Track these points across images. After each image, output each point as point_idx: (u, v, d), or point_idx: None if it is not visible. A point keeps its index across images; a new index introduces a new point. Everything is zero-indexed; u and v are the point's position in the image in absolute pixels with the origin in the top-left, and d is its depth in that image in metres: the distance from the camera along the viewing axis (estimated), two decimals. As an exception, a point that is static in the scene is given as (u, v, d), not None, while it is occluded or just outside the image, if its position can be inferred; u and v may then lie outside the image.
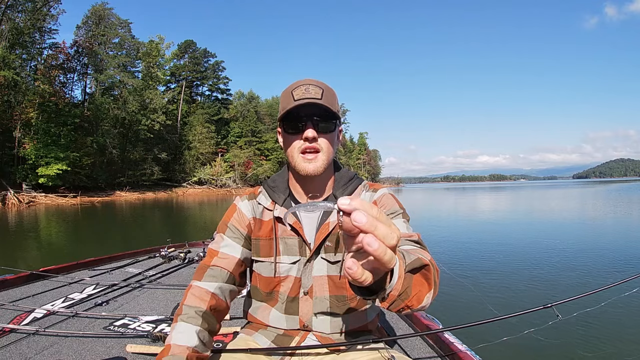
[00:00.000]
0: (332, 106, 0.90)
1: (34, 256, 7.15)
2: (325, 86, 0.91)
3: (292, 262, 0.93)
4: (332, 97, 0.91)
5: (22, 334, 1.77)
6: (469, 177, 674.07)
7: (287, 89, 0.92)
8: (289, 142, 0.92)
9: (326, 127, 0.90)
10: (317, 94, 0.88)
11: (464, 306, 3.70)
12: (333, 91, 0.93)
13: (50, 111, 29.75)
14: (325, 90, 0.90)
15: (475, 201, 26.73)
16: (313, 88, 0.89)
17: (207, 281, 0.89)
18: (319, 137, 0.89)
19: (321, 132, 0.90)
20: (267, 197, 0.99)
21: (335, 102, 0.92)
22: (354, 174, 1.01)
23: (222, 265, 0.92)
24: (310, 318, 0.92)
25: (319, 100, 0.87)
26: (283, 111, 0.90)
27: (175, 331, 0.80)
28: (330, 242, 0.91)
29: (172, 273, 3.07)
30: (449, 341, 1.60)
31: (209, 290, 0.88)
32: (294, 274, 0.93)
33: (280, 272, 0.94)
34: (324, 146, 0.90)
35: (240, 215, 0.99)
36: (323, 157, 0.90)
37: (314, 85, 0.90)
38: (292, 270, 0.93)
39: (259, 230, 0.97)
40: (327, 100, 0.89)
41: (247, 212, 0.99)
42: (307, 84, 0.90)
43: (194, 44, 56.49)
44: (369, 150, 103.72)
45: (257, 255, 0.97)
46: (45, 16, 31.31)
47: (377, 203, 0.95)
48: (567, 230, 9.35)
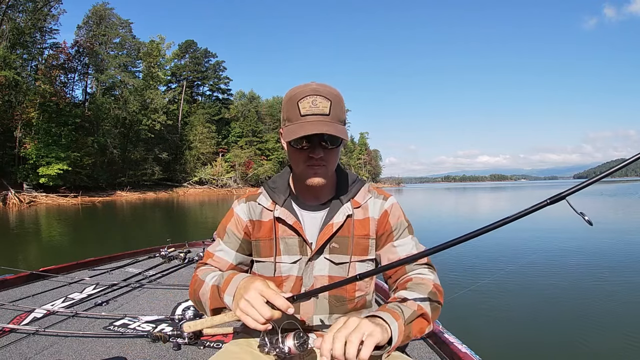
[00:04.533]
0: (340, 119, 0.87)
1: (34, 256, 7.16)
2: (333, 94, 0.86)
3: (293, 262, 0.93)
4: (340, 108, 0.87)
5: (22, 334, 1.77)
6: (470, 177, 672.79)
7: (291, 94, 0.86)
8: (294, 154, 0.89)
9: (334, 143, 0.87)
10: (325, 109, 0.84)
11: (464, 306, 3.70)
12: (340, 97, 0.88)
13: (51, 111, 29.79)
14: (333, 101, 0.85)
15: (476, 201, 26.72)
16: (321, 101, 0.84)
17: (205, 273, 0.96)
18: (326, 154, 0.88)
19: (329, 149, 0.88)
20: (268, 197, 0.98)
21: (343, 111, 0.88)
22: (355, 177, 1.00)
23: (217, 267, 0.98)
24: (311, 318, 0.92)
25: (327, 117, 0.84)
26: (289, 124, 0.86)
27: (205, 277, 0.92)
28: (337, 243, 0.92)
29: (172, 273, 3.07)
30: (449, 341, 1.60)
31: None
32: (295, 274, 0.93)
33: (281, 271, 0.93)
34: (331, 159, 0.89)
35: (236, 220, 0.99)
36: (327, 172, 0.89)
37: (321, 96, 0.84)
38: (293, 269, 0.93)
39: (259, 232, 0.97)
40: (336, 113, 0.85)
41: (243, 216, 0.99)
42: (314, 94, 0.84)
43: (195, 44, 56.52)
44: (369, 150, 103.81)
45: (258, 255, 0.97)
46: (46, 16, 31.35)
47: (388, 212, 0.95)
48: (569, 231, 9.33)
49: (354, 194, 0.96)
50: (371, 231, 0.94)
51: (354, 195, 0.96)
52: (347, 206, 0.93)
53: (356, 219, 0.93)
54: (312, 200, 0.96)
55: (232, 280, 0.81)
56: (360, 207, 0.95)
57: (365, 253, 0.93)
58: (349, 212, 0.92)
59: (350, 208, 0.93)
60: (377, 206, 0.96)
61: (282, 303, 0.70)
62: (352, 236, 0.92)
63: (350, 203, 0.94)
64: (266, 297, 0.71)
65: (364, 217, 0.94)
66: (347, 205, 0.93)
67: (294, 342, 0.78)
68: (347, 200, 0.94)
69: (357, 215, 0.94)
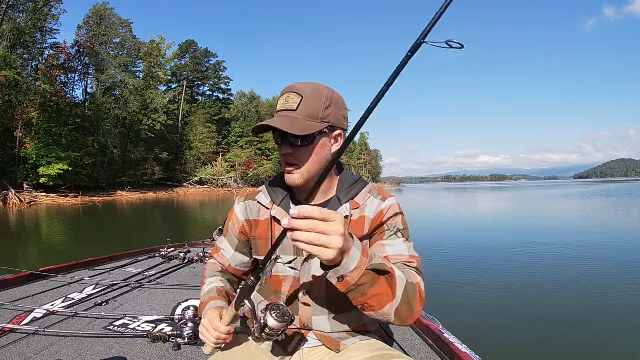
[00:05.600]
0: (312, 115, 0.83)
1: (34, 256, 7.17)
2: (309, 91, 0.84)
3: (289, 262, 0.93)
4: (314, 104, 0.84)
5: (22, 334, 1.77)
6: (470, 177, 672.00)
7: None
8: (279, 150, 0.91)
9: (303, 140, 0.84)
10: (294, 104, 0.83)
11: (464, 306, 3.70)
12: (319, 93, 0.85)
13: (52, 111, 29.78)
14: (305, 97, 0.83)
15: (477, 201, 26.70)
16: (293, 97, 0.84)
17: (213, 268, 1.07)
18: (296, 151, 0.85)
19: (298, 146, 0.85)
20: (267, 195, 0.99)
21: (319, 107, 0.84)
22: (358, 177, 0.98)
23: (221, 262, 1.07)
24: (310, 318, 0.91)
25: (293, 113, 0.83)
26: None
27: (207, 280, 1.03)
28: None
29: (172, 273, 3.07)
30: (449, 341, 1.59)
31: (217, 268, 1.07)
32: (292, 274, 0.93)
33: (278, 271, 0.94)
34: (303, 157, 0.86)
35: (235, 219, 1.03)
36: (302, 170, 0.86)
37: (295, 93, 0.84)
38: (290, 269, 0.93)
39: (256, 230, 0.99)
40: (306, 109, 0.83)
41: (240, 215, 1.02)
42: (289, 91, 0.85)
43: (195, 44, 56.53)
44: (370, 150, 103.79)
45: (257, 254, 0.99)
46: (47, 16, 31.34)
47: (383, 213, 0.91)
48: (570, 230, 9.33)
49: (354, 195, 0.94)
50: (366, 230, 0.91)
51: (354, 197, 0.93)
52: (346, 207, 0.91)
53: (352, 219, 0.91)
54: (309, 201, 0.95)
55: (207, 306, 0.91)
56: (358, 208, 0.92)
57: None
58: (346, 213, 0.90)
59: (349, 209, 0.91)
60: (374, 206, 0.93)
61: (217, 335, 0.82)
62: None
63: (349, 204, 0.92)
64: (209, 327, 0.83)
65: (359, 217, 0.92)
66: (345, 206, 0.92)
67: (273, 315, 0.77)
68: (346, 201, 0.92)
69: (354, 216, 0.91)
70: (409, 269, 0.82)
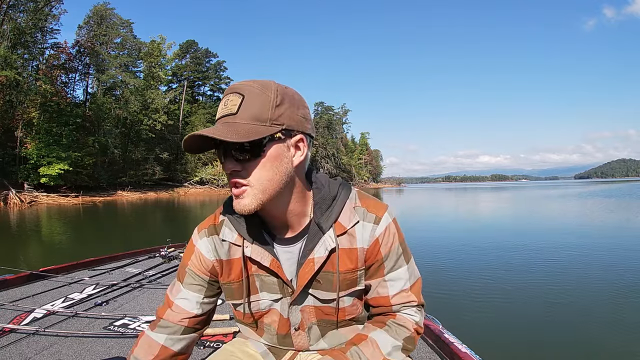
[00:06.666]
0: (259, 117, 0.64)
1: (34, 256, 7.17)
2: (253, 87, 0.66)
3: (274, 300, 0.80)
4: (258, 103, 0.65)
5: (22, 334, 1.77)
6: (471, 177, 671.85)
7: None
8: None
9: (251, 151, 0.65)
10: (234, 107, 0.65)
11: (464, 306, 3.70)
12: (267, 91, 0.66)
13: (52, 111, 29.83)
14: (247, 96, 0.65)
15: (478, 201, 26.70)
16: (232, 98, 0.65)
17: (158, 332, 0.79)
18: (243, 167, 0.67)
19: (246, 160, 0.66)
20: (232, 228, 0.77)
21: (267, 106, 0.65)
22: (336, 187, 0.78)
23: (174, 321, 0.80)
24: (307, 345, 0.86)
25: (234, 117, 0.64)
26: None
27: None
28: (320, 279, 0.77)
29: (172, 273, 3.08)
30: (449, 341, 1.59)
31: (158, 342, 0.78)
32: (277, 308, 0.81)
33: (260, 308, 0.81)
34: (253, 178, 0.66)
35: (199, 259, 0.80)
36: (254, 192, 0.67)
37: (235, 93, 0.66)
38: (275, 305, 0.81)
39: (229, 275, 0.80)
40: (249, 110, 0.64)
41: (207, 254, 0.80)
42: (230, 92, 0.67)
43: (196, 44, 56.61)
44: (370, 150, 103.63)
45: (231, 298, 0.82)
46: (47, 16, 31.39)
47: (379, 241, 0.76)
48: (571, 231, 9.32)
49: (337, 215, 0.75)
50: (359, 262, 0.77)
51: (337, 217, 0.75)
52: (330, 235, 0.74)
53: (342, 248, 0.75)
54: (283, 230, 0.78)
55: None
56: (346, 232, 0.75)
57: (354, 285, 0.79)
58: (332, 246, 0.74)
59: (333, 238, 0.74)
60: (366, 233, 0.76)
61: None
62: (338, 272, 0.75)
63: (332, 230, 0.74)
64: None
65: (350, 248, 0.76)
66: (329, 235, 0.74)
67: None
68: (328, 227, 0.74)
69: (342, 244, 0.75)
70: (410, 308, 0.80)
